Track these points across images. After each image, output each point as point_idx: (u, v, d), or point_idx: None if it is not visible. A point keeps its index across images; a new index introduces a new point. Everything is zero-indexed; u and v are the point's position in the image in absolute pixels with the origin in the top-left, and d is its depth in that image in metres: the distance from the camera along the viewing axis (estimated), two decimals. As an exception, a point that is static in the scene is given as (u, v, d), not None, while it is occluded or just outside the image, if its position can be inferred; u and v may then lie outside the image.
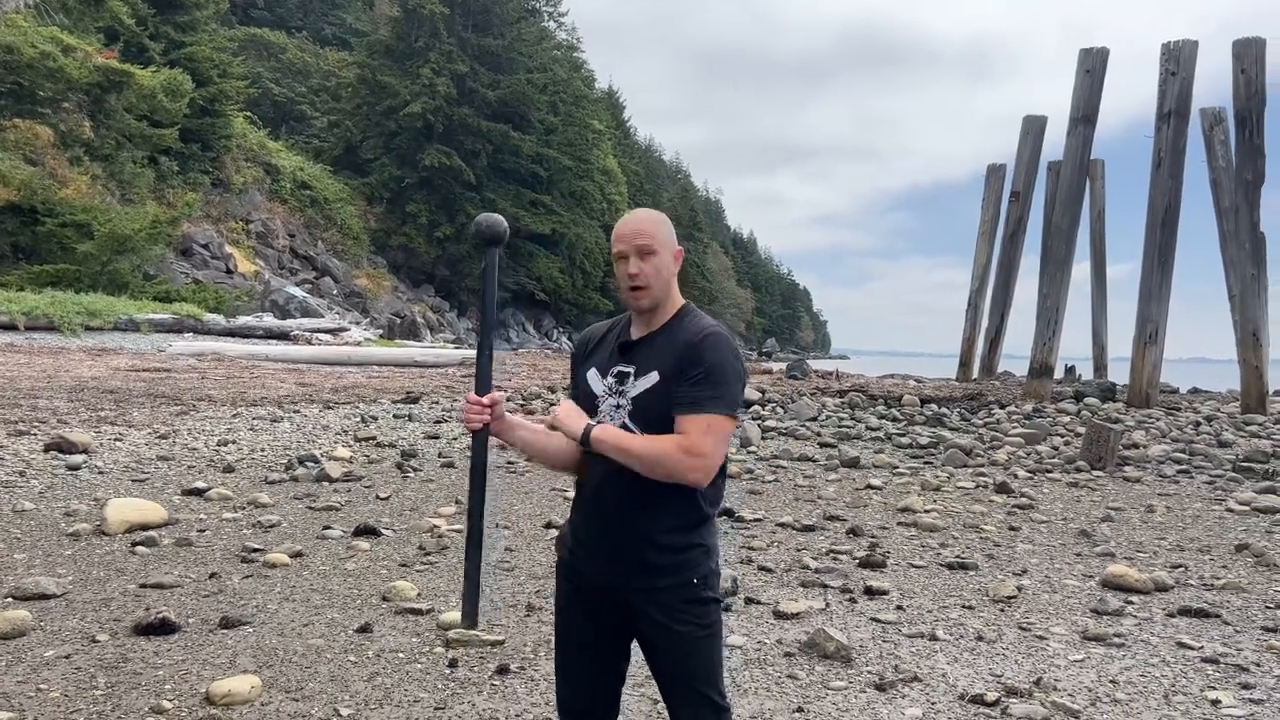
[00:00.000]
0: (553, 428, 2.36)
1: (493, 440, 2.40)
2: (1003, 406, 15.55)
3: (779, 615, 5.15)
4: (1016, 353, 21.51)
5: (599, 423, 2.30)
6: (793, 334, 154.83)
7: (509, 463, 10.06)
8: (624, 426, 2.30)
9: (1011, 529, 7.79)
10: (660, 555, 2.28)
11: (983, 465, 11.17)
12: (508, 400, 13.79)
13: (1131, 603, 5.65)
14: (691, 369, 2.25)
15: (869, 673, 4.34)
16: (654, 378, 2.30)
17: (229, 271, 36.35)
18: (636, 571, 2.29)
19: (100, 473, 8.65)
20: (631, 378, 2.33)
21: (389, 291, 47.64)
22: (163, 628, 4.53)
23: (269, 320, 25.51)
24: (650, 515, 2.27)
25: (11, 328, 19.03)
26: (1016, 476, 10.42)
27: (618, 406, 2.33)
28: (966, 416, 14.98)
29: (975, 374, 23.17)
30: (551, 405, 10.16)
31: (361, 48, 54.61)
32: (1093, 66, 17.24)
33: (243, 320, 24.45)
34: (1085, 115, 17.28)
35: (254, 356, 20.67)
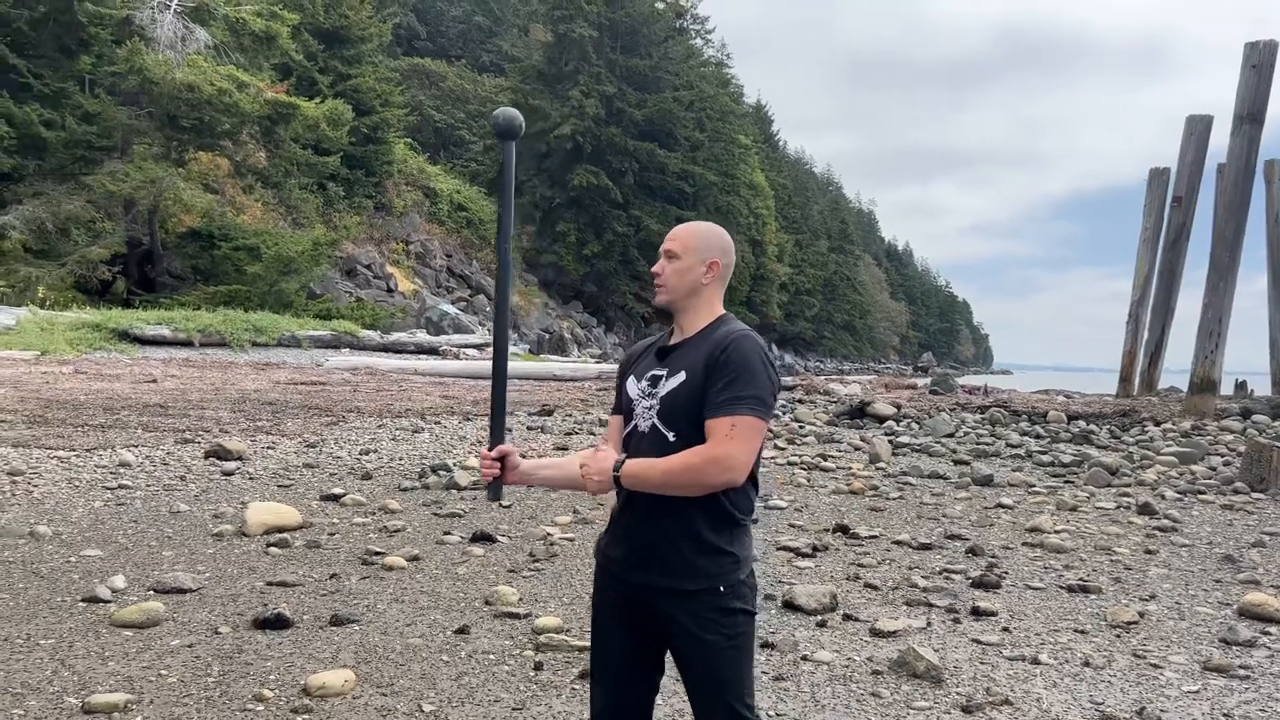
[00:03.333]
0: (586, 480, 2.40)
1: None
2: (1158, 424, 14.66)
3: (875, 633, 5.04)
4: (1186, 367, 20.22)
5: (624, 456, 2.39)
6: (951, 348, 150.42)
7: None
8: (653, 427, 2.38)
9: (1148, 552, 7.36)
10: (688, 553, 2.34)
11: (1128, 485, 10.58)
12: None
13: (1269, 633, 5.26)
14: (718, 372, 2.31)
15: (957, 694, 4.21)
16: (681, 376, 2.38)
17: (390, 290, 38.19)
18: (664, 570, 2.35)
19: (251, 478, 9.24)
20: (664, 379, 2.41)
21: (539, 308, 48.91)
22: (277, 623, 4.83)
23: (421, 336, 26.71)
24: (678, 515, 2.34)
25: (188, 344, 20.68)
26: (1164, 498, 9.83)
27: (648, 408, 2.42)
28: (1117, 434, 14.20)
29: (1136, 389, 21.93)
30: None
31: (515, 73, 56.46)
32: (1259, 61, 16.08)
33: (396, 336, 25.70)
34: (1251, 113, 16.12)
35: (404, 371, 21.66)
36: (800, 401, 19.09)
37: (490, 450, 2.51)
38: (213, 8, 27.21)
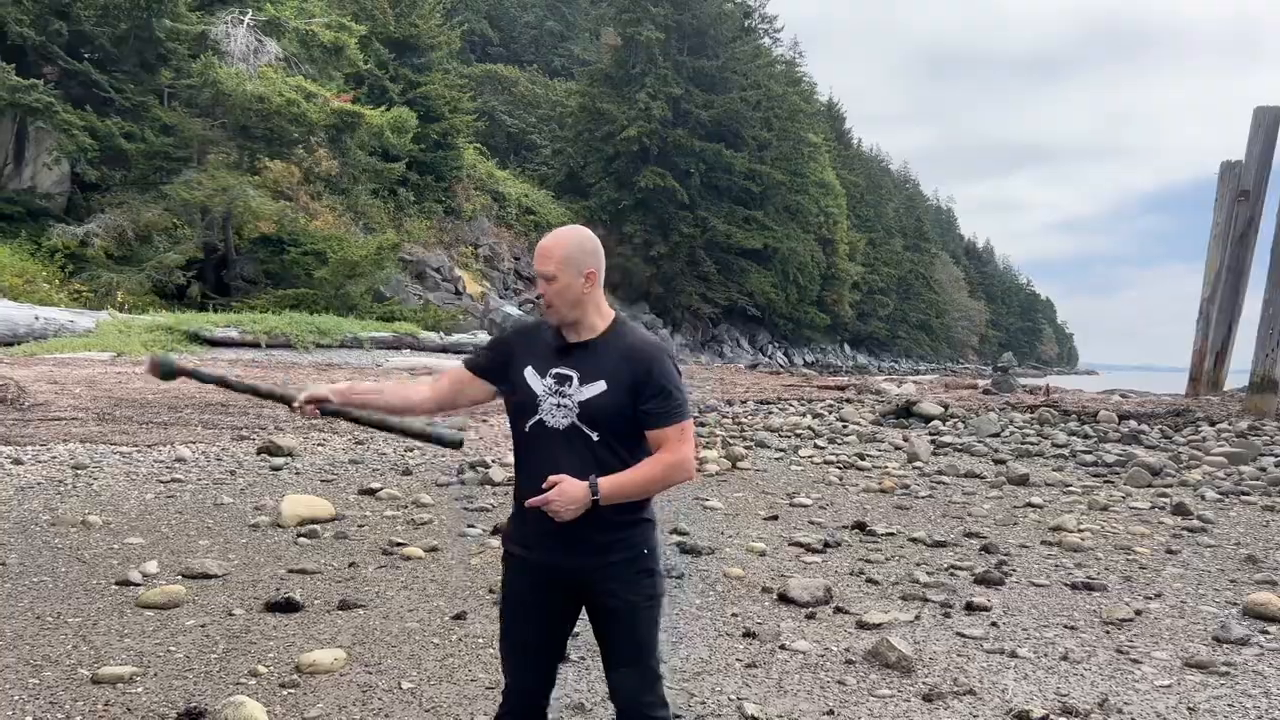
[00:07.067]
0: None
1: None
2: (1213, 424, 14.30)
3: (861, 625, 5.14)
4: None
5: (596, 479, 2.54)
6: (1033, 348, 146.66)
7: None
8: (572, 426, 2.57)
9: (1169, 551, 7.29)
10: (615, 533, 2.58)
11: (1169, 485, 10.40)
12: None
13: (1267, 632, 5.23)
14: (648, 385, 2.55)
15: (924, 684, 4.30)
16: (600, 386, 2.57)
17: (458, 293, 38.89)
18: (594, 552, 2.58)
19: (297, 473, 9.66)
20: (575, 382, 2.59)
21: (606, 309, 49.26)
22: (288, 606, 5.13)
23: (481, 337, 27.23)
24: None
25: (255, 345, 21.42)
26: (1203, 499, 9.65)
27: (559, 406, 2.59)
28: (1168, 434, 13.90)
29: (1203, 389, 21.32)
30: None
31: (584, 77, 57.03)
32: (1325, 50, 15.60)
33: (456, 337, 26.23)
34: (1316, 104, 15.64)
35: (463, 371, 22.08)
36: (848, 401, 19.03)
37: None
38: (284, 21, 28.15)
